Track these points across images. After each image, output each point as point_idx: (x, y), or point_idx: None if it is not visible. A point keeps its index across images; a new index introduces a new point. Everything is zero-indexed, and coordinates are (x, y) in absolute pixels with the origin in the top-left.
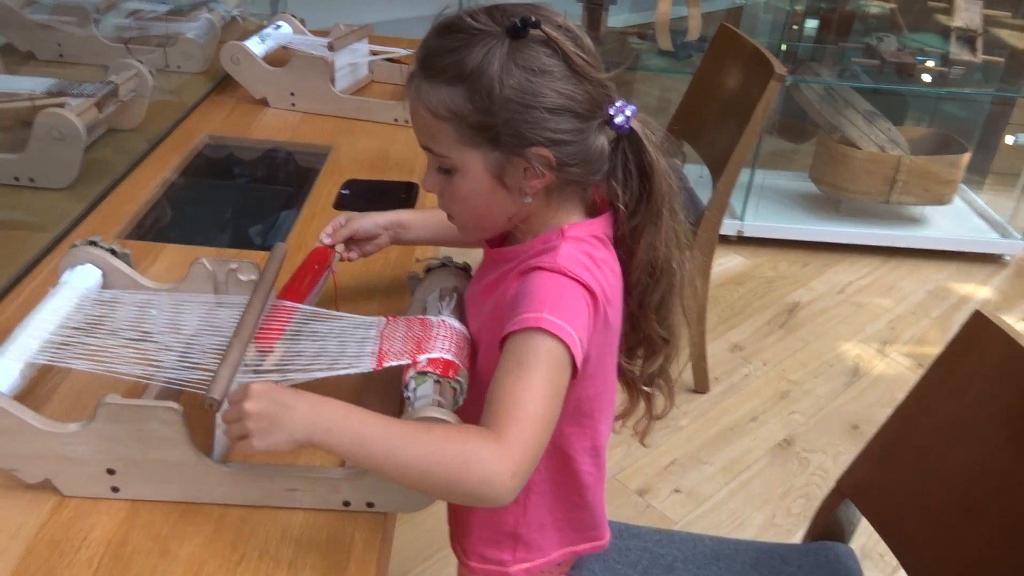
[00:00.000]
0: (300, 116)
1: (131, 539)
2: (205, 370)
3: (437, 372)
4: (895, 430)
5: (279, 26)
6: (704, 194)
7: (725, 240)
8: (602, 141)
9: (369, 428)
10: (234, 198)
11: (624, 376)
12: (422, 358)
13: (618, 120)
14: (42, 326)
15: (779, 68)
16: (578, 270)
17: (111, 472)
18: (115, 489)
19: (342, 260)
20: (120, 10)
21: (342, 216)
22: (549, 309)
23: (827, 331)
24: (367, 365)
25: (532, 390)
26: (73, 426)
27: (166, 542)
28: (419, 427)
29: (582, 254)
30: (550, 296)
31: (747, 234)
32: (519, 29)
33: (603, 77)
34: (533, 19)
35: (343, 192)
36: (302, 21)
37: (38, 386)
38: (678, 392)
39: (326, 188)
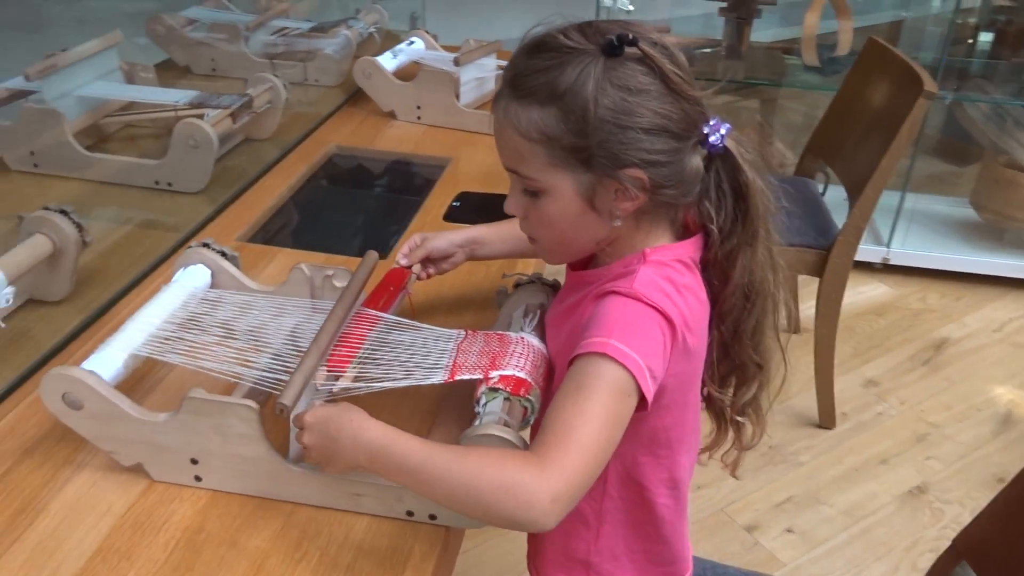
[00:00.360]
0: (424, 128)
1: (206, 527)
2: (291, 373)
3: (508, 389)
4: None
5: (412, 42)
6: (842, 218)
7: (868, 267)
8: (696, 161)
9: (408, 457)
10: (354, 206)
11: (713, 406)
12: (494, 374)
13: (713, 139)
14: (149, 320)
15: (929, 84)
16: (655, 296)
17: (194, 462)
18: (198, 478)
19: (419, 279)
20: (268, 28)
21: (417, 236)
22: (618, 335)
23: (978, 372)
24: (439, 377)
25: (586, 415)
26: (162, 416)
27: (236, 533)
28: (457, 452)
29: (662, 279)
30: (620, 322)
31: (893, 262)
32: (615, 47)
33: (699, 95)
34: (630, 36)
35: (454, 204)
36: (435, 37)
37: (146, 377)
38: (801, 426)
39: (439, 199)
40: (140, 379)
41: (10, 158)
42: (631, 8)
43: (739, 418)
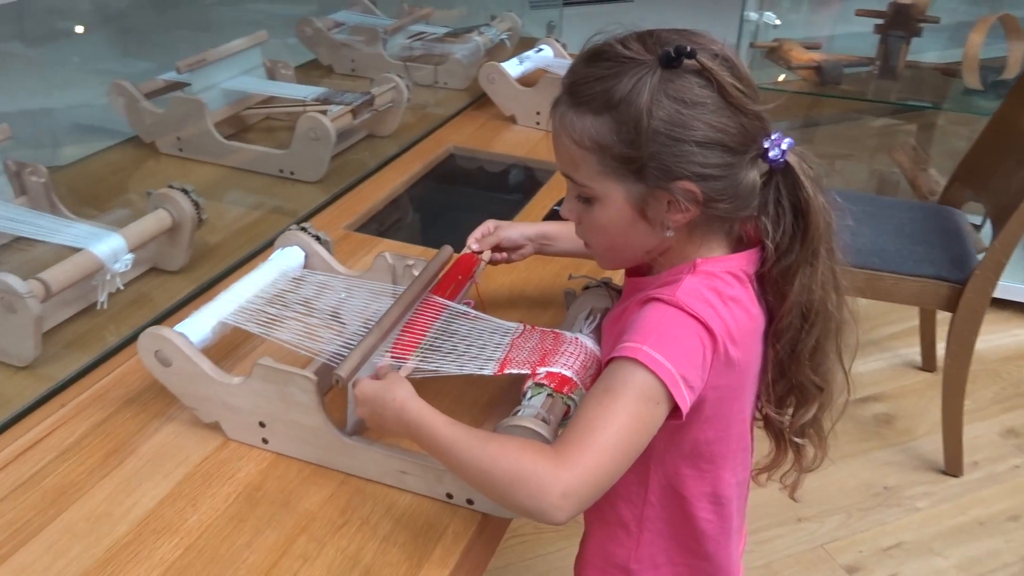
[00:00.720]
0: (541, 134)
1: (264, 485)
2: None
3: (552, 386)
4: None
5: (540, 50)
6: None
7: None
8: (753, 176)
9: (438, 438)
10: (461, 204)
11: (771, 426)
12: (541, 370)
13: (772, 153)
14: (240, 293)
15: None
16: (697, 305)
17: (262, 425)
18: (265, 441)
19: (491, 263)
20: (406, 32)
21: (491, 223)
22: (652, 342)
23: None
24: (490, 369)
25: (609, 418)
26: (236, 379)
27: (290, 495)
28: (481, 437)
29: (708, 289)
30: (658, 329)
31: None
32: (671, 58)
33: (759, 109)
34: (688, 48)
35: (555, 208)
36: (564, 46)
37: (241, 346)
38: (923, 470)
39: (542, 202)
40: (235, 347)
41: (160, 143)
42: (778, 23)
43: (797, 440)
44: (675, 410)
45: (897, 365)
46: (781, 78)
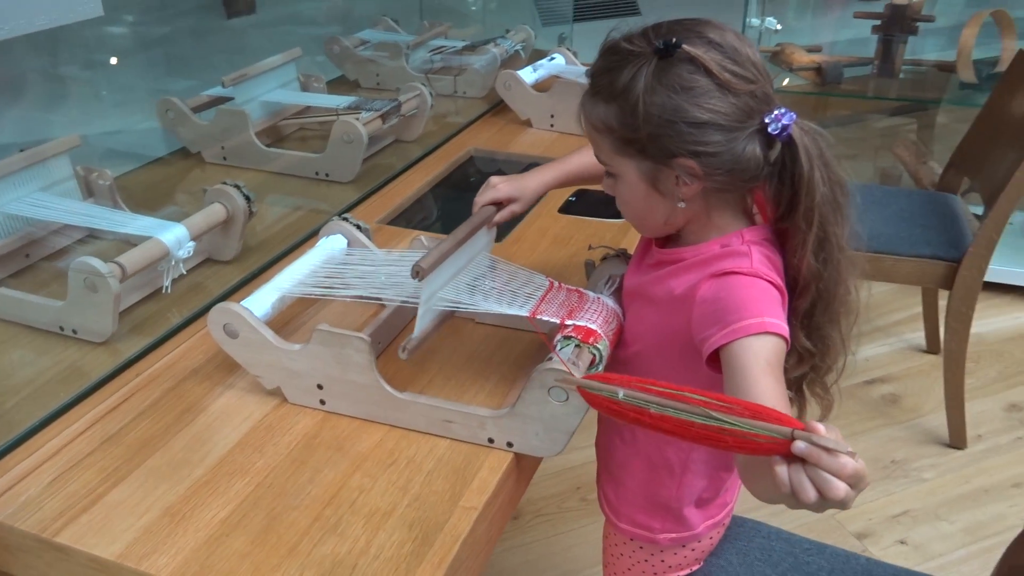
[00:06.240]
0: (556, 135)
1: (320, 434)
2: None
3: (579, 338)
4: None
5: (553, 58)
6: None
7: None
8: (754, 148)
9: None
10: None
11: None
12: (570, 323)
13: (772, 128)
14: (295, 272)
15: None
16: (771, 274)
17: (320, 387)
18: (322, 402)
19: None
20: (427, 47)
21: (500, 187)
22: (767, 312)
23: None
24: (526, 311)
25: (783, 389)
26: (296, 346)
27: (344, 441)
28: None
29: (766, 258)
30: (761, 299)
31: None
32: (663, 50)
33: (755, 89)
34: (674, 40)
35: (570, 199)
36: (575, 54)
37: (293, 319)
38: (928, 443)
39: (559, 195)
40: (289, 321)
41: (206, 153)
42: (779, 28)
43: (789, 392)
44: None
45: (903, 349)
46: (785, 82)
